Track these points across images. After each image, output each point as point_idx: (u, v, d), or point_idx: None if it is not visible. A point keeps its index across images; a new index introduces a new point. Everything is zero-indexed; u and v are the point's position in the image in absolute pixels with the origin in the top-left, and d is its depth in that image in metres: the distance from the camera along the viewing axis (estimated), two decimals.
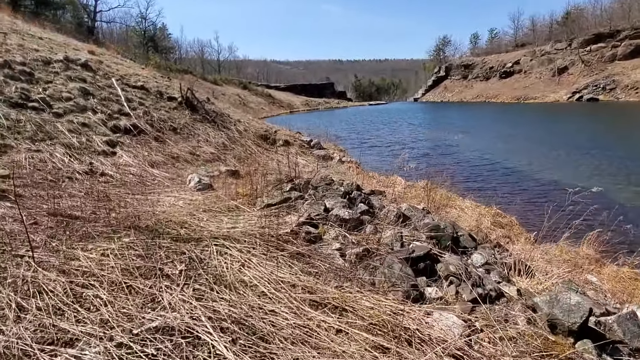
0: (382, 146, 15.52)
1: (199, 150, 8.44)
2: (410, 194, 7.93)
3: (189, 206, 3.40)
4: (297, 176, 4.58)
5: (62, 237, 2.41)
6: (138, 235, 2.41)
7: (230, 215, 2.90)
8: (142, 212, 3.02)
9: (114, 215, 3.05)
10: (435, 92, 76.61)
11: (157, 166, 6.54)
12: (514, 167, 11.15)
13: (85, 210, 3.28)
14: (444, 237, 2.61)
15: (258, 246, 2.21)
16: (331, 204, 2.98)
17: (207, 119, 10.55)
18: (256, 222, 2.55)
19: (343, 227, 2.63)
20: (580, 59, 49.85)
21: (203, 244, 2.24)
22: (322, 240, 2.39)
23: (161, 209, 3.27)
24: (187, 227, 2.55)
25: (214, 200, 3.51)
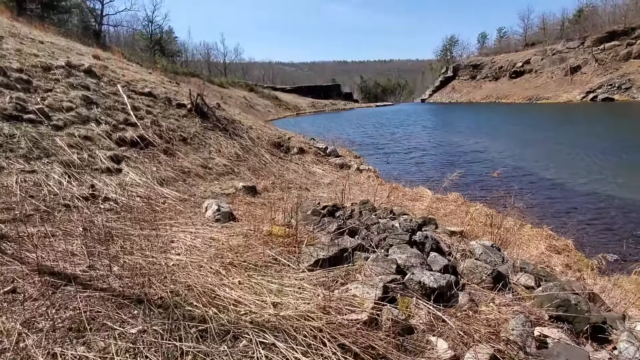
0: (400, 152, 14.75)
1: (211, 163, 7.75)
2: (445, 210, 7.18)
3: (212, 252, 2.70)
4: (341, 204, 3.83)
5: (45, 323, 1.71)
6: (150, 321, 1.70)
7: (270, 276, 2.19)
8: (153, 269, 2.32)
9: (117, 271, 2.35)
10: (443, 93, 75.55)
11: (166, 184, 5.86)
12: (554, 177, 10.29)
13: (81, 260, 2.58)
14: (578, 319, 1.89)
15: (327, 348, 1.49)
16: (402, 259, 2.26)
17: (219, 126, 9.88)
18: (311, 297, 1.84)
19: (426, 295, 1.92)
20: (593, 58, 48.60)
21: (242, 344, 1.53)
22: (414, 331, 1.68)
23: (177, 258, 2.57)
24: (215, 303, 1.85)
25: (241, 243, 2.80)
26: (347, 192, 8.24)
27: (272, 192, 7.03)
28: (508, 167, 11.49)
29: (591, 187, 9.35)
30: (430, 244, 2.57)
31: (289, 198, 6.62)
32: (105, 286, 2.10)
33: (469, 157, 12.64)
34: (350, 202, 5.08)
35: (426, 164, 12.67)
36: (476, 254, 2.77)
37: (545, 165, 11.26)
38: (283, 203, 6.10)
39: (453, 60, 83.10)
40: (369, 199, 5.39)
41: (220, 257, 2.52)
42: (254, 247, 2.68)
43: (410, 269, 2.19)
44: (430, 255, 2.43)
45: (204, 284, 2.03)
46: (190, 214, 4.49)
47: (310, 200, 6.13)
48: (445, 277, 2.09)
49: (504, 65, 64.58)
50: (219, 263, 2.39)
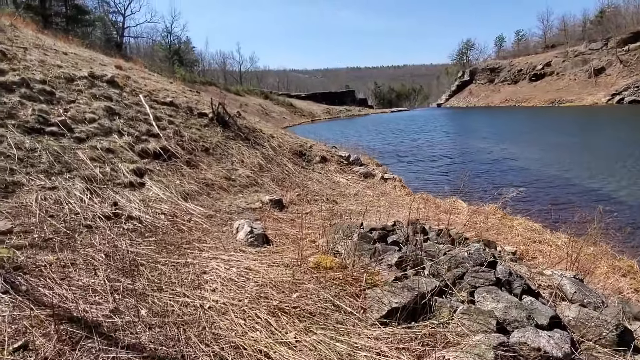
0: (425, 160, 14.19)
1: (235, 174, 7.44)
2: (486, 224, 6.62)
3: (252, 288, 2.31)
4: (390, 226, 3.37)
5: None
6: None
7: (332, 330, 1.78)
8: (187, 314, 1.94)
9: (146, 316, 1.98)
10: (460, 97, 74.25)
11: (191, 198, 5.55)
12: (601, 188, 9.52)
13: (103, 300, 2.23)
14: None
15: None
16: (500, 310, 1.81)
17: (240, 136, 9.60)
18: None
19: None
20: (618, 59, 46.80)
21: None
22: None
23: (213, 298, 2.19)
24: None
25: (286, 278, 2.40)
26: (376, 205, 7.79)
27: (299, 205, 6.64)
28: (550, 178, 10.78)
29: None
30: (521, 284, 2.10)
31: (318, 213, 6.22)
32: (133, 341, 1.73)
33: (501, 165, 11.95)
34: (392, 220, 4.63)
35: (454, 173, 12.07)
36: (567, 292, 2.28)
37: (592, 174, 10.42)
38: (313, 218, 5.71)
39: (469, 64, 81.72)
40: (416, 218, 4.92)
41: (264, 298, 2.13)
42: (302, 284, 2.27)
43: (513, 325, 1.74)
44: (524, 300, 1.96)
45: (254, 342, 1.63)
46: (218, 233, 4.13)
47: (344, 217, 5.70)
48: (564, 337, 1.62)
49: (523, 68, 63.00)
50: (264, 307, 1.99)
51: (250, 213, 5.48)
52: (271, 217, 5.30)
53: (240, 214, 5.34)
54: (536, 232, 6.24)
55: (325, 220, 5.45)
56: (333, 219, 5.77)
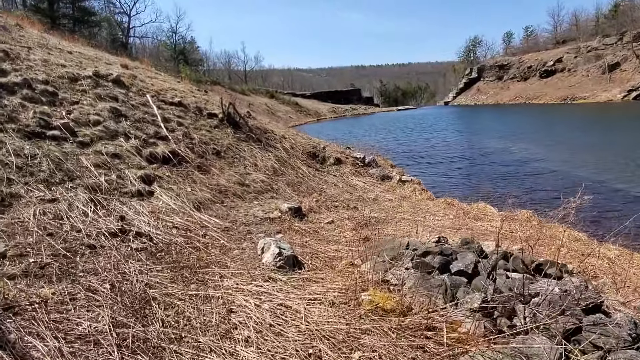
0: (442, 162, 13.60)
1: (248, 179, 6.97)
2: (523, 234, 6.07)
3: (295, 337, 1.83)
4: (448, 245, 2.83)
5: None
6: None
7: None
8: None
9: None
10: (468, 95, 73.19)
11: (204, 207, 5.08)
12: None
13: (108, 355, 1.75)
14: None
15: None
16: None
17: (252, 137, 9.14)
18: None
19: None
20: (634, 54, 45.58)
21: None
22: None
23: (246, 355, 1.70)
24: None
25: (339, 326, 1.90)
26: (400, 211, 7.27)
27: (319, 212, 6.15)
28: (584, 181, 10.13)
29: None
30: None
31: (342, 222, 5.72)
32: None
33: (525, 167, 11.32)
34: (434, 236, 4.12)
35: (475, 175, 11.49)
36: None
37: (631, 177, 9.74)
38: (339, 230, 5.21)
39: (477, 61, 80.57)
40: (470, 238, 4.41)
41: (317, 357, 1.64)
42: (361, 336, 1.78)
43: None
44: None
45: None
46: (237, 251, 3.65)
47: (370, 227, 5.18)
48: None
49: (533, 65, 61.80)
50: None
51: (268, 224, 5.00)
52: (292, 229, 4.82)
53: (259, 225, 4.87)
54: (582, 243, 5.69)
55: (354, 233, 4.95)
56: (360, 230, 5.28)
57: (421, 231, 5.55)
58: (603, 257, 5.06)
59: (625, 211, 7.15)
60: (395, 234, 5.09)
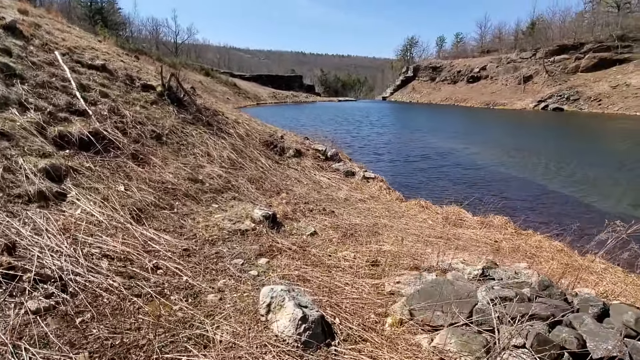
0: (399, 159, 13.24)
1: (202, 173, 5.48)
2: (508, 244, 5.70)
3: None
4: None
5: None
6: None
7: None
8: None
9: None
10: (404, 92, 76.69)
11: (147, 217, 3.60)
12: (576, 194, 9.45)
13: None
14: None
15: None
16: None
17: (200, 119, 7.49)
18: None
19: None
20: (544, 69, 51.80)
21: None
22: None
23: None
24: None
25: None
26: (378, 215, 6.45)
27: (297, 220, 5.00)
28: (535, 185, 10.52)
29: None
30: None
31: (324, 232, 4.66)
32: None
33: (483, 170, 11.46)
34: (478, 263, 3.30)
35: (435, 174, 11.33)
36: None
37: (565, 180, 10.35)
38: (328, 244, 4.14)
39: (412, 60, 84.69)
40: (493, 261, 3.66)
41: None
42: None
43: None
44: None
45: None
46: (214, 298, 2.40)
47: (359, 238, 4.20)
48: None
49: (462, 70, 66.84)
50: None
51: (241, 240, 3.73)
52: (276, 248, 3.62)
53: (230, 243, 3.58)
54: (565, 254, 5.49)
55: (349, 250, 3.93)
56: (350, 244, 4.28)
57: (417, 244, 4.78)
58: (592, 271, 4.86)
59: (574, 215, 7.34)
60: (397, 251, 4.22)
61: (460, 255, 4.91)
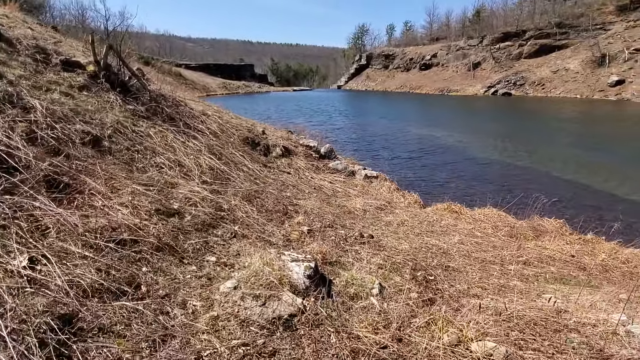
0: (385, 149, 11.82)
1: (176, 198, 3.40)
2: (556, 263, 4.41)
3: None
4: None
5: None
6: None
7: None
8: None
9: None
10: (358, 81, 76.30)
11: (79, 339, 1.55)
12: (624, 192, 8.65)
13: None
14: None
15: None
16: None
17: (159, 112, 5.25)
18: None
19: None
20: (491, 56, 53.90)
21: None
22: None
23: None
24: None
25: None
26: (418, 231, 4.82)
27: (342, 265, 3.19)
28: (507, 164, 9.63)
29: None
30: None
31: (397, 289, 2.91)
32: None
33: (482, 162, 10.37)
34: None
35: (432, 168, 10.04)
36: None
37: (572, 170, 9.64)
38: (428, 333, 2.40)
39: (364, 49, 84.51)
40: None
41: None
42: None
43: None
44: None
45: None
46: None
47: (459, 306, 2.54)
48: None
49: (414, 57, 67.73)
50: None
51: (292, 344, 1.86)
52: (360, 353, 1.81)
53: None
54: None
55: (480, 335, 2.23)
56: (431, 294, 2.59)
57: (512, 283, 3.23)
58: None
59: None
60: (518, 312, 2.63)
61: (573, 291, 3.48)
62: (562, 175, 9.26)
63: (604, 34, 43.32)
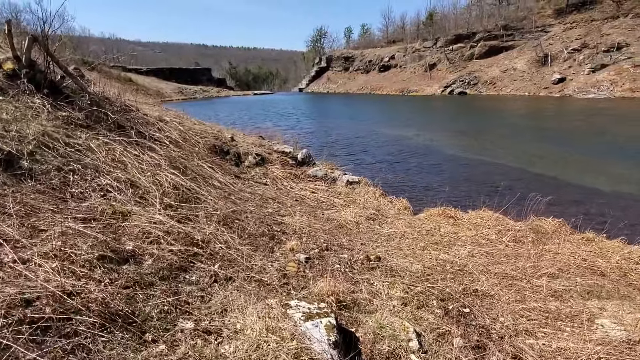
0: (362, 153, 11.27)
1: (129, 233, 2.49)
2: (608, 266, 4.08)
3: None
4: None
5: None
6: None
7: None
8: None
9: None
10: (319, 83, 76.24)
11: None
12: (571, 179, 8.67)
13: None
14: None
15: None
16: None
17: (102, 119, 4.21)
18: None
19: None
20: (445, 57, 56.02)
21: None
22: None
23: None
24: None
25: None
26: (424, 247, 4.23)
27: (362, 309, 2.47)
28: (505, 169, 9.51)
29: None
30: None
31: (437, 338, 2.25)
32: None
33: (478, 165, 10.09)
34: None
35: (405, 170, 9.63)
36: None
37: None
38: None
39: (323, 51, 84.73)
40: None
41: None
42: None
43: None
44: None
45: None
46: None
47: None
48: None
49: (372, 59, 68.82)
50: None
51: None
52: None
53: None
54: None
55: None
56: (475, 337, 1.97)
57: (551, 305, 2.71)
58: None
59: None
60: None
61: (608, 307, 3.05)
62: (544, 171, 9.23)
63: (545, 35, 46.54)
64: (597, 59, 39.55)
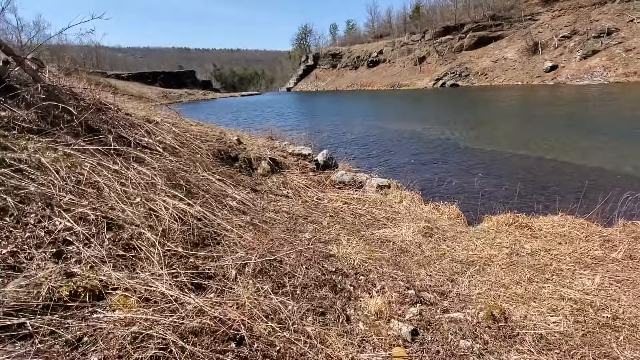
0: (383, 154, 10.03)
1: (107, 334, 1.21)
2: None
3: None
4: None
5: None
6: None
7: None
8: None
9: None
10: (307, 82, 74.83)
11: None
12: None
13: None
14: None
15: None
16: None
17: (61, 118, 2.88)
18: None
19: None
20: (435, 50, 55.32)
21: None
22: None
23: None
24: None
25: None
26: (520, 282, 3.04)
27: None
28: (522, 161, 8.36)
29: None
30: None
31: None
32: None
33: (494, 158, 8.95)
34: None
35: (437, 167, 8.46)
36: None
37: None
38: None
39: (310, 49, 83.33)
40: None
41: None
42: None
43: None
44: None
45: None
46: None
47: None
48: None
49: (360, 55, 67.76)
50: None
51: None
52: None
53: None
54: None
55: None
56: None
57: None
58: None
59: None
60: None
61: None
62: (602, 165, 7.99)
63: (534, 23, 46.19)
64: (588, 45, 39.21)
